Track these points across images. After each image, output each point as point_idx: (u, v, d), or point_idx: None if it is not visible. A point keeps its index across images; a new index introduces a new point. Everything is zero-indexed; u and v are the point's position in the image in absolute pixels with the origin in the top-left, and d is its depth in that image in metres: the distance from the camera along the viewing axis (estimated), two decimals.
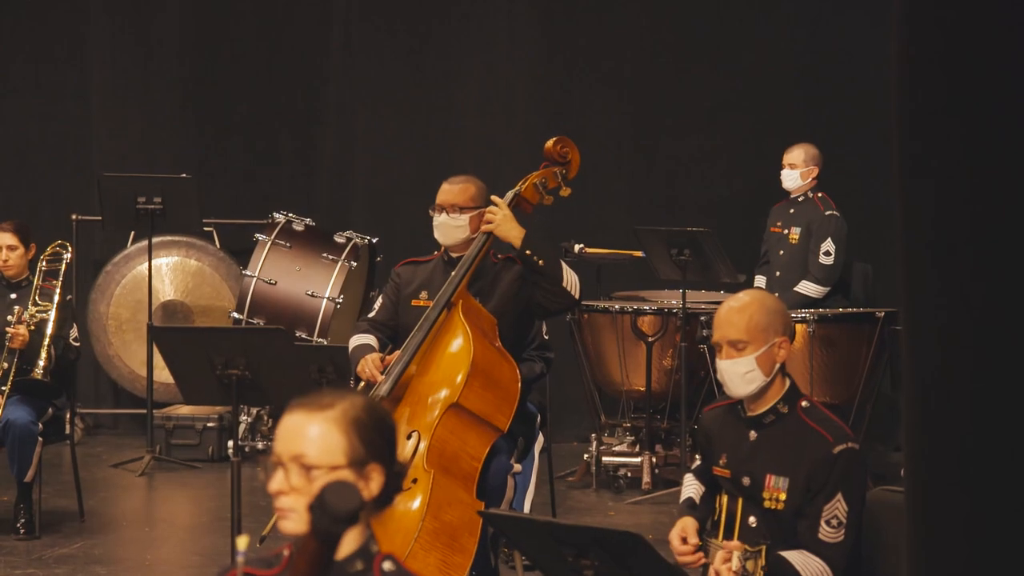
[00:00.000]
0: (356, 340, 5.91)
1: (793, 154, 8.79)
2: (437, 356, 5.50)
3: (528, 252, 5.65)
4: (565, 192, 5.91)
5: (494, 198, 5.78)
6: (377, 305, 6.11)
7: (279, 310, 8.72)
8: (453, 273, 5.69)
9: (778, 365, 4.31)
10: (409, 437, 5.33)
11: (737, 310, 4.30)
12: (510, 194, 5.84)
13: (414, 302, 5.90)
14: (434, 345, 5.53)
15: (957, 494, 2.10)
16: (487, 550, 5.49)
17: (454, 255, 5.88)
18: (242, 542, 2.46)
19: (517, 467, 5.64)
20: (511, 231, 5.68)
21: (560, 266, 5.71)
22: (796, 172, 8.77)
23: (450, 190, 5.92)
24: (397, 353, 5.63)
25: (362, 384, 5.62)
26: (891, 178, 2.19)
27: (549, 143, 5.89)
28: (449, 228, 5.88)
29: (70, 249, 7.84)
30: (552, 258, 5.72)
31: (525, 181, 5.86)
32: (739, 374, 4.29)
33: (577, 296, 5.74)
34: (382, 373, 5.58)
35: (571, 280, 5.71)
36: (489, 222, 5.71)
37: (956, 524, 2.11)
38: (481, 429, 5.42)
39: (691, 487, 4.61)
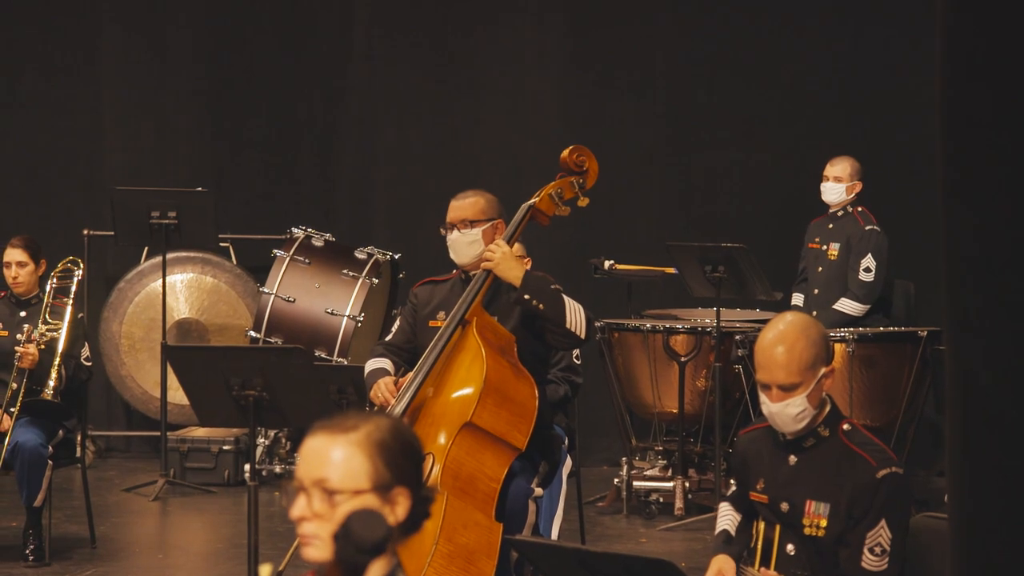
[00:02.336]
0: (371, 364, 5.88)
1: (838, 167, 8.67)
2: (451, 375, 5.49)
3: (527, 297, 5.55)
4: (583, 202, 5.86)
5: (495, 243, 5.66)
6: (394, 327, 6.08)
7: (298, 329, 8.67)
8: (466, 291, 5.64)
9: (825, 394, 4.27)
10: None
11: (784, 350, 4.22)
12: (524, 207, 5.79)
13: (431, 323, 5.85)
14: (448, 364, 5.51)
15: (1002, 521, 2.07)
16: (509, 574, 5.45)
17: (471, 273, 5.80)
18: (265, 571, 2.51)
19: (538, 491, 5.59)
20: (510, 271, 5.58)
21: (562, 308, 5.57)
22: (841, 186, 8.65)
23: (459, 206, 5.86)
24: (411, 375, 5.60)
25: (375, 409, 5.56)
26: (935, 194, 2.18)
27: (565, 152, 5.86)
28: (462, 245, 5.80)
29: (82, 265, 7.82)
30: (552, 301, 5.58)
31: (540, 193, 5.82)
32: (792, 416, 4.24)
33: (583, 335, 5.61)
34: (396, 395, 5.55)
35: (575, 320, 5.58)
36: (488, 260, 5.62)
37: (1002, 551, 2.08)
38: (497, 448, 5.40)
39: (726, 517, 4.56)
